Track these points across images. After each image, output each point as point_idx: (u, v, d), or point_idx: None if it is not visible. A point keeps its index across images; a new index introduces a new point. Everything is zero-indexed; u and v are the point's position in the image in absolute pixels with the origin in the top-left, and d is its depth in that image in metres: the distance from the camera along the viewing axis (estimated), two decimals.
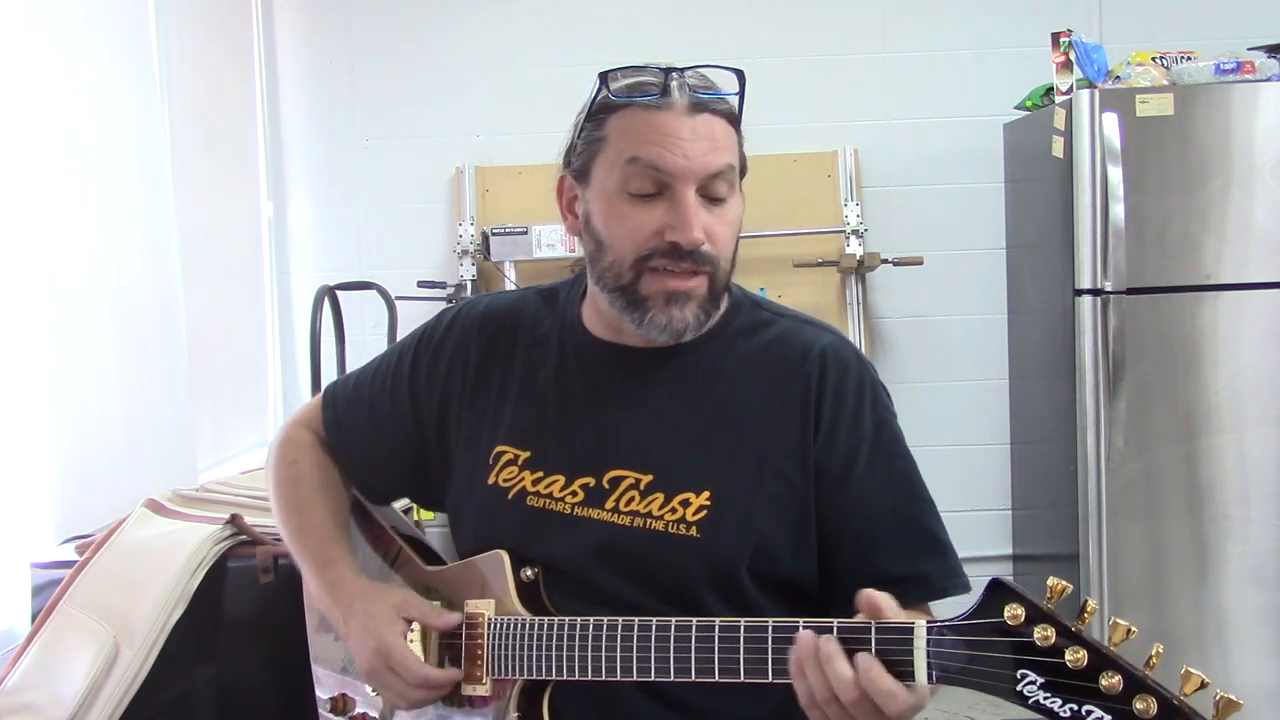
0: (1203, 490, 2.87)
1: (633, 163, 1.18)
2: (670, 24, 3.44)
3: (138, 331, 2.40)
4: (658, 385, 1.27)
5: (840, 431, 1.24)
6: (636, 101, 1.19)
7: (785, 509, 1.23)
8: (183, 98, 2.80)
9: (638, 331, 1.24)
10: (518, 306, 1.38)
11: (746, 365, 1.28)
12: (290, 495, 1.41)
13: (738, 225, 1.24)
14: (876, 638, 1.00)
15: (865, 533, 1.24)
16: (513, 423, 1.30)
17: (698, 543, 1.21)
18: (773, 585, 1.24)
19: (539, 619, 1.21)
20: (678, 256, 1.18)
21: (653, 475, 1.23)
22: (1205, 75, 2.85)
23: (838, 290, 3.41)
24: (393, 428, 1.38)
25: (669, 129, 1.17)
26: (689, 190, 1.17)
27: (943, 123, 3.49)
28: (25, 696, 1.71)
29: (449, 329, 1.39)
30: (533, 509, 1.26)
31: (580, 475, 1.25)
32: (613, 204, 1.21)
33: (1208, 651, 2.88)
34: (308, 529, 1.39)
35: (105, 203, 2.30)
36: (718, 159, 1.19)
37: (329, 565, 1.35)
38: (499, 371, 1.33)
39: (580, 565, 1.23)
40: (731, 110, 1.23)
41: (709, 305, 1.23)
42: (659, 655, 1.12)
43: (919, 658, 0.98)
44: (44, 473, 2.08)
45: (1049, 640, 0.92)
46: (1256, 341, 2.85)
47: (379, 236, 3.51)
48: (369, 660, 1.25)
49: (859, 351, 1.32)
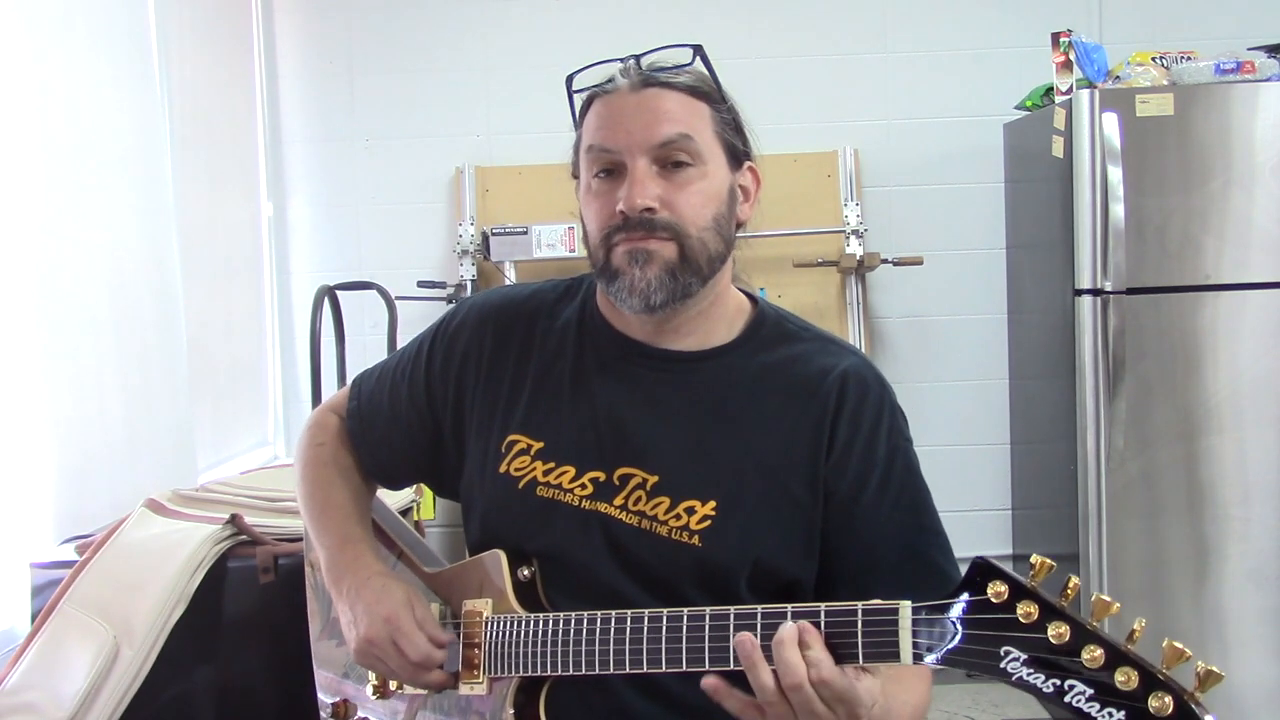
0: (1203, 490, 2.87)
1: (589, 151, 1.25)
2: (670, 24, 3.43)
3: (138, 331, 2.39)
4: (674, 389, 1.27)
5: (853, 455, 1.24)
6: (596, 96, 1.26)
7: (790, 527, 1.23)
8: (183, 98, 2.80)
9: (619, 307, 1.25)
10: (536, 296, 1.39)
11: (765, 380, 1.27)
12: (315, 474, 1.42)
13: (712, 198, 1.24)
14: (863, 619, 1.00)
15: (867, 560, 1.24)
16: (527, 413, 1.30)
17: (698, 552, 1.21)
18: (768, 596, 1.24)
19: (535, 616, 1.21)
20: (630, 226, 1.20)
21: (660, 477, 1.23)
22: (1205, 75, 2.85)
23: (838, 290, 3.41)
24: (409, 414, 1.39)
25: (613, 110, 1.23)
26: (636, 161, 1.20)
27: (943, 123, 3.49)
28: (25, 696, 1.72)
29: (464, 318, 1.40)
30: (541, 499, 1.26)
31: (591, 469, 1.26)
32: (585, 194, 1.27)
33: (1208, 651, 2.88)
34: (332, 506, 1.39)
35: (105, 203, 2.30)
36: (665, 128, 1.21)
37: (350, 542, 1.35)
38: (514, 361, 1.34)
39: (583, 557, 1.24)
40: (692, 84, 1.25)
41: (682, 273, 1.21)
42: (650, 647, 1.11)
43: (904, 637, 0.98)
44: (44, 473, 2.08)
45: (1031, 617, 0.93)
46: (1256, 341, 2.85)
47: (379, 236, 3.51)
48: (375, 628, 1.24)
49: (881, 376, 1.31)
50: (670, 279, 1.21)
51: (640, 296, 1.21)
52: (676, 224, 1.21)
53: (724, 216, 1.25)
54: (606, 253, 1.23)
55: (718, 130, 1.25)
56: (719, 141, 1.25)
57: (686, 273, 1.21)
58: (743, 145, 1.30)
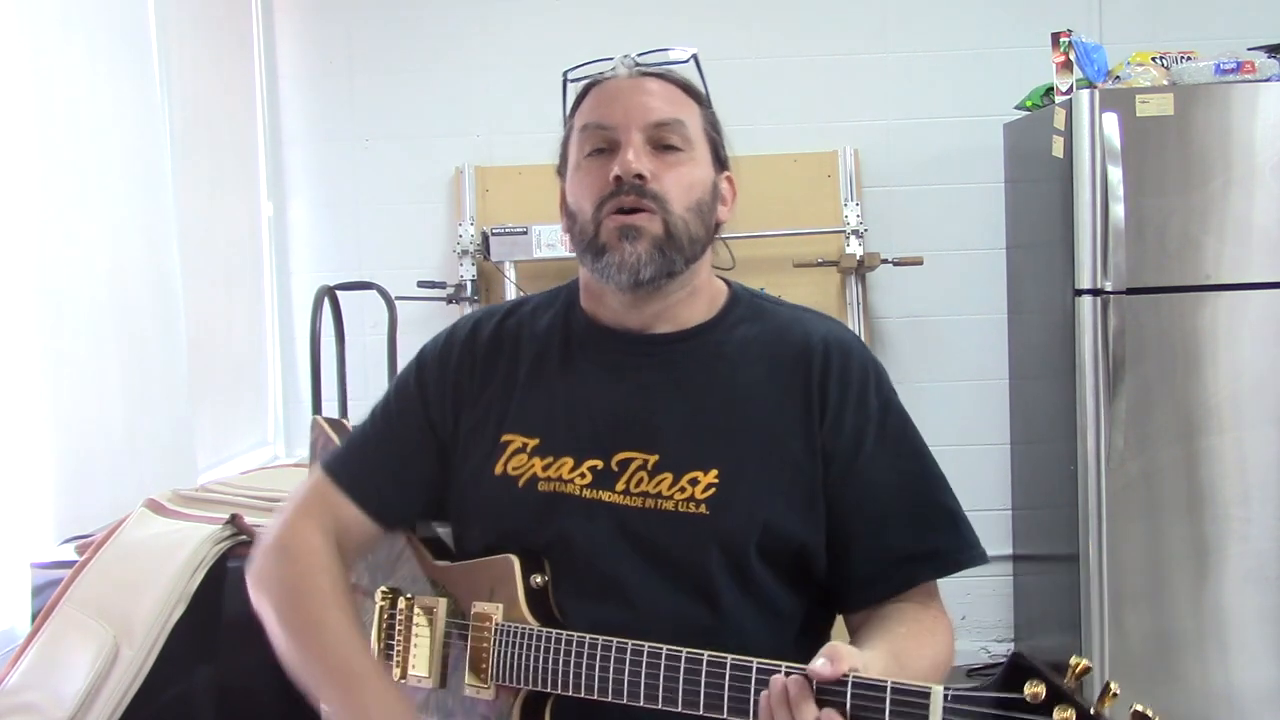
0: (1203, 490, 2.87)
1: (584, 130, 1.28)
2: (670, 24, 3.44)
3: (138, 331, 2.39)
4: (662, 370, 1.29)
5: (846, 415, 1.26)
6: (593, 85, 1.30)
7: (793, 489, 1.25)
8: (183, 98, 2.80)
9: (606, 283, 1.26)
10: (517, 306, 1.41)
11: (749, 350, 1.30)
12: (297, 617, 1.29)
13: (697, 184, 1.27)
14: (891, 698, 0.98)
15: (876, 512, 1.25)
16: (520, 411, 1.31)
17: (706, 519, 1.22)
18: (782, 564, 1.25)
19: (546, 631, 1.21)
20: (623, 192, 1.23)
21: (659, 455, 1.24)
22: (1205, 75, 2.85)
23: (838, 290, 3.41)
24: (410, 445, 1.36)
25: (610, 92, 1.28)
26: (631, 135, 1.24)
27: (943, 123, 3.49)
28: (25, 696, 1.72)
29: (450, 337, 1.40)
30: (544, 494, 1.27)
31: (588, 457, 1.26)
32: (575, 172, 1.29)
33: (1208, 651, 2.88)
34: (329, 648, 1.26)
35: (105, 203, 2.30)
36: (660, 110, 1.26)
37: (361, 680, 1.24)
38: (504, 365, 1.35)
39: (591, 547, 1.24)
40: (685, 82, 1.31)
41: (668, 249, 1.24)
42: (667, 684, 1.11)
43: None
44: (44, 473, 2.08)
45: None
46: (1256, 341, 2.85)
47: (379, 236, 3.51)
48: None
49: (859, 338, 1.35)
50: (659, 254, 1.23)
51: (629, 271, 1.23)
52: (664, 198, 1.24)
53: (707, 205, 1.28)
54: (596, 227, 1.24)
55: (705, 128, 1.30)
56: (706, 139, 1.30)
57: (672, 249, 1.24)
58: (724, 152, 1.33)
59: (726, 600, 1.22)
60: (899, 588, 1.26)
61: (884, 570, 1.26)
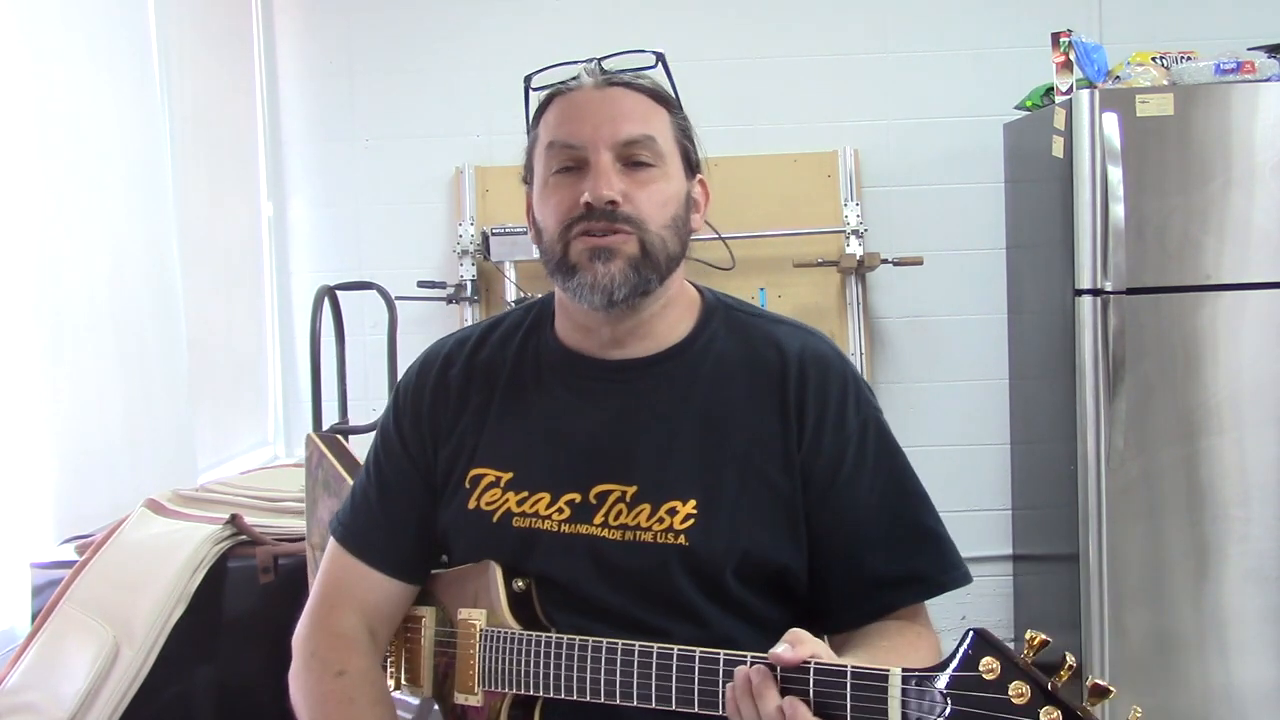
0: (1203, 490, 2.87)
1: (550, 146, 1.25)
2: (669, 24, 3.44)
3: (138, 331, 2.40)
4: (637, 396, 1.26)
5: (825, 435, 1.24)
6: (556, 94, 1.28)
7: (772, 513, 1.23)
8: (183, 98, 2.80)
9: (575, 303, 1.24)
10: (488, 332, 1.37)
11: (725, 369, 1.27)
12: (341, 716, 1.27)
13: (671, 199, 1.24)
14: (852, 682, 0.99)
15: (856, 534, 1.23)
16: (491, 445, 1.29)
17: (685, 550, 1.20)
18: (760, 585, 1.24)
19: (529, 634, 1.20)
20: (594, 217, 1.20)
21: (638, 486, 1.22)
22: (1205, 75, 2.85)
23: (838, 290, 3.41)
24: (407, 495, 1.34)
25: (577, 105, 1.25)
26: (600, 155, 1.21)
27: (943, 123, 3.49)
28: (25, 696, 1.72)
29: (420, 374, 1.37)
30: (520, 530, 1.25)
31: (565, 491, 1.24)
32: (542, 189, 1.27)
33: (1207, 651, 2.88)
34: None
35: (105, 203, 2.30)
36: (629, 126, 1.22)
37: None
38: (475, 399, 1.32)
39: (573, 581, 1.23)
40: (655, 89, 1.27)
41: (644, 268, 1.21)
42: (640, 681, 1.12)
43: (893, 705, 0.97)
44: (44, 473, 2.08)
45: (1024, 698, 0.91)
46: (1256, 341, 2.85)
47: (379, 236, 3.51)
48: None
49: (838, 349, 1.32)
50: (634, 273, 1.21)
51: (603, 292, 1.20)
52: (636, 217, 1.21)
53: (681, 219, 1.26)
54: (564, 247, 1.22)
55: (676, 137, 1.27)
56: (677, 147, 1.27)
57: (647, 268, 1.21)
58: (695, 156, 1.30)
59: (710, 616, 1.22)
60: (879, 612, 1.24)
61: (864, 594, 1.23)
